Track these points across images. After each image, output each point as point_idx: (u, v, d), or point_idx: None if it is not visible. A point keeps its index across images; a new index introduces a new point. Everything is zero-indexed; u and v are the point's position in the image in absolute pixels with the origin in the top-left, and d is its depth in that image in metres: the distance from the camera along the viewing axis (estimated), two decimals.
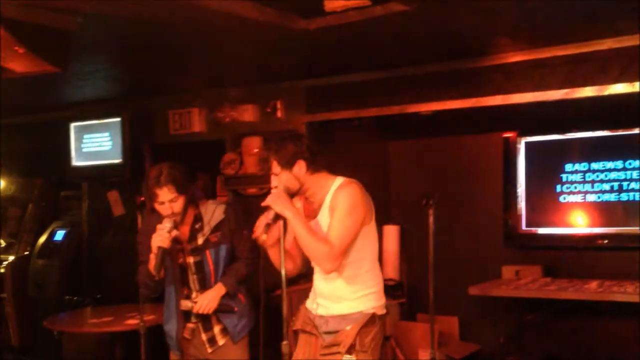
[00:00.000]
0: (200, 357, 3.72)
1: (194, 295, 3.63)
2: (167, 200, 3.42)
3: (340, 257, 2.99)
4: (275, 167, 3.09)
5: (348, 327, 3.07)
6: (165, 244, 3.36)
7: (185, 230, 3.62)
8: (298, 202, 3.22)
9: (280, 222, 2.97)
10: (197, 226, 3.62)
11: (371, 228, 3.14)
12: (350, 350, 3.04)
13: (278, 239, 2.99)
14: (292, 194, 3.11)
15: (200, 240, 3.62)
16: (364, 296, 3.12)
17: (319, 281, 3.19)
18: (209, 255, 3.63)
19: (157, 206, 3.47)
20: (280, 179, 3.08)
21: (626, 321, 5.40)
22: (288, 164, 3.07)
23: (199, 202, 3.69)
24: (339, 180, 3.13)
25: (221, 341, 3.67)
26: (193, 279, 3.64)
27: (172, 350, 3.78)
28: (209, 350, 3.66)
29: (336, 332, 3.10)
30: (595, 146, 5.73)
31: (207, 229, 3.63)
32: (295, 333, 3.33)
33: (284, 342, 2.99)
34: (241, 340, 3.73)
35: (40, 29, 3.55)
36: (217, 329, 3.67)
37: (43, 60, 3.86)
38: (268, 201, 2.99)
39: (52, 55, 3.87)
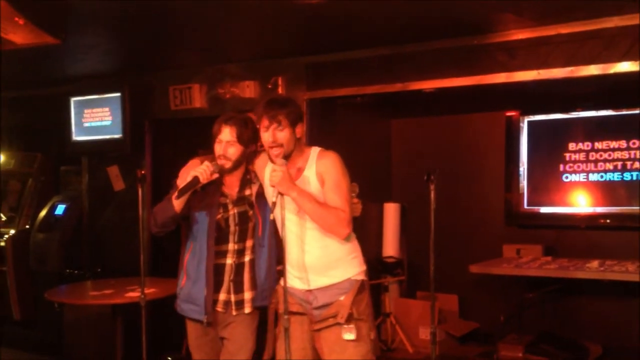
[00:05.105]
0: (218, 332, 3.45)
1: (230, 246, 3.38)
2: (226, 140, 3.35)
3: (352, 218, 3.04)
4: (284, 122, 3.05)
5: (341, 298, 3.07)
6: (204, 177, 3.24)
7: (233, 184, 3.43)
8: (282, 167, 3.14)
9: (280, 198, 3.00)
10: (248, 176, 3.44)
11: None
12: (349, 319, 3.04)
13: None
14: (287, 157, 3.08)
15: (247, 192, 3.43)
16: (351, 260, 3.13)
17: (301, 254, 3.12)
18: (257, 208, 3.40)
19: (215, 144, 3.40)
20: (285, 135, 3.04)
21: (627, 300, 5.41)
22: (294, 123, 3.08)
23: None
24: (317, 148, 3.17)
25: (247, 309, 3.40)
26: (234, 230, 3.39)
27: (189, 320, 3.48)
28: (234, 313, 3.37)
29: (328, 304, 3.09)
30: (598, 125, 5.71)
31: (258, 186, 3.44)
32: (277, 315, 3.23)
33: (285, 317, 3.01)
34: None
35: (39, 0, 3.52)
36: (247, 295, 3.41)
37: (43, 31, 3.83)
38: (273, 181, 2.99)
39: (52, 27, 3.84)
